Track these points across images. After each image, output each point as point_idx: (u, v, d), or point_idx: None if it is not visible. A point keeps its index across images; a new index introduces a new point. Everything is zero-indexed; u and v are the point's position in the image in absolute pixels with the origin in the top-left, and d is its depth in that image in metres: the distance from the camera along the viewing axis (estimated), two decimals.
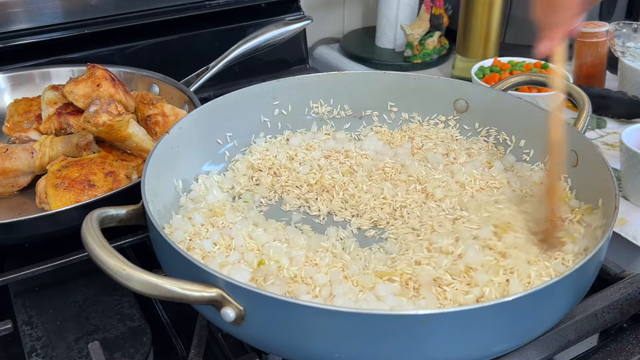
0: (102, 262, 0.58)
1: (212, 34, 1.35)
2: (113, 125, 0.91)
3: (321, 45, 1.71)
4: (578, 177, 0.82)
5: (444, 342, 0.58)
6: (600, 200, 0.74)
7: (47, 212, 0.81)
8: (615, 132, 1.25)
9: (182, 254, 0.61)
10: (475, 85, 0.99)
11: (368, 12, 1.77)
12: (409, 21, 1.59)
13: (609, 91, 1.29)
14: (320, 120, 1.01)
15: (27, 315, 0.80)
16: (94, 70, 0.99)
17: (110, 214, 0.68)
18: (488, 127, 0.96)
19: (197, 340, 0.71)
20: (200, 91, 1.17)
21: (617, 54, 1.38)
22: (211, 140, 0.92)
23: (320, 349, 0.58)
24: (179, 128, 0.85)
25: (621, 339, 0.73)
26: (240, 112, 0.94)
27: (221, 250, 0.73)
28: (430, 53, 1.57)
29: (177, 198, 0.84)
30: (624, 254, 0.97)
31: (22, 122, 1.05)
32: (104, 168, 0.90)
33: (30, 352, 0.75)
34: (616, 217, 0.67)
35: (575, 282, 0.63)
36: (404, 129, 1.00)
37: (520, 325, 0.61)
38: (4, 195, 0.96)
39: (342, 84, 1.00)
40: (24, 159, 0.94)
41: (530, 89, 1.26)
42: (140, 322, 0.79)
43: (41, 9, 1.17)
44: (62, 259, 0.82)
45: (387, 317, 0.56)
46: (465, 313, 0.56)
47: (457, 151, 0.93)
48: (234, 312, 0.58)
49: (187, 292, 0.58)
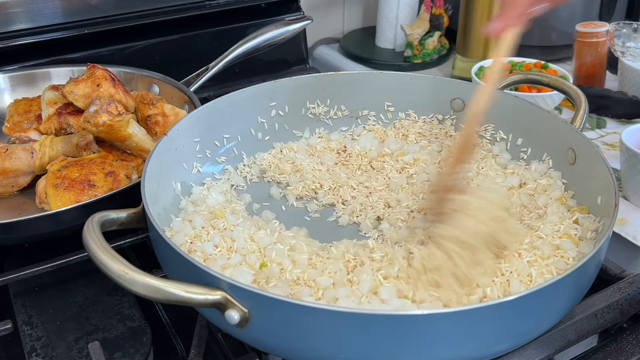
0: (105, 266, 0.57)
1: (212, 34, 1.35)
2: (113, 125, 0.91)
3: (321, 45, 1.71)
4: (576, 175, 0.82)
5: (449, 342, 0.58)
6: (599, 198, 0.75)
7: (47, 212, 0.81)
8: (615, 132, 1.25)
9: (185, 257, 0.61)
10: (472, 84, 0.99)
11: (368, 12, 1.77)
12: (409, 21, 1.59)
13: (609, 91, 1.29)
14: (318, 121, 1.01)
15: (27, 315, 0.80)
16: (94, 70, 0.99)
17: (111, 217, 0.68)
18: (485, 125, 0.96)
19: (197, 340, 0.71)
20: (200, 91, 1.17)
21: (617, 54, 1.38)
22: (209, 142, 0.92)
23: (327, 350, 0.58)
24: (177, 130, 0.85)
25: (621, 339, 0.73)
26: (238, 113, 0.94)
27: (222, 252, 0.73)
28: (430, 53, 1.57)
29: (177, 200, 0.84)
30: (624, 254, 0.97)
31: (22, 122, 1.05)
32: (104, 168, 0.90)
33: (30, 352, 0.75)
34: (616, 215, 0.67)
35: (575, 282, 0.63)
36: (397, 126, 1.00)
37: (522, 325, 0.61)
38: (4, 195, 0.96)
39: (339, 85, 1.00)
40: (24, 159, 0.94)
41: (530, 88, 1.27)
42: (140, 322, 0.79)
43: (41, 9, 1.17)
44: (62, 259, 0.82)
45: (393, 318, 0.56)
46: (469, 312, 0.56)
47: (451, 148, 0.93)
48: (239, 315, 0.58)
49: (192, 295, 0.58)
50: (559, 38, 1.50)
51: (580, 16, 1.47)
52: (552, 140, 0.87)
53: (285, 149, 0.97)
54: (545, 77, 0.95)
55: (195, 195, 0.85)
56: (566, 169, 0.84)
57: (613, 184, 0.71)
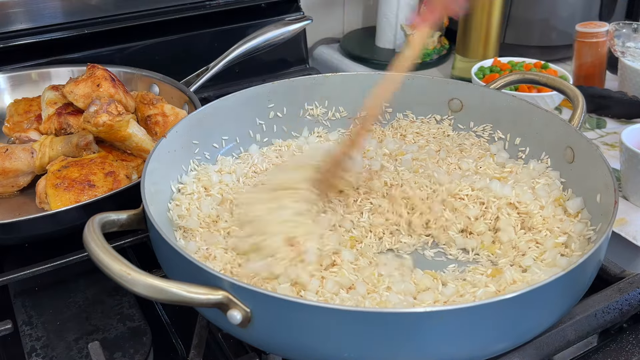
0: (107, 267, 0.57)
1: (212, 34, 1.35)
2: (113, 125, 0.91)
3: (321, 45, 1.71)
4: (575, 174, 0.82)
5: (450, 339, 0.58)
6: (598, 197, 0.75)
7: (47, 212, 0.81)
8: (615, 132, 1.25)
9: (186, 257, 0.61)
10: (469, 84, 0.99)
11: (368, 12, 1.77)
12: (409, 21, 1.59)
13: (609, 91, 1.29)
14: (316, 122, 1.01)
15: (27, 315, 0.80)
16: (94, 70, 0.99)
17: (112, 218, 0.68)
18: (483, 125, 0.96)
19: (197, 340, 0.71)
20: (200, 91, 1.17)
21: (617, 54, 1.38)
22: (208, 143, 0.92)
23: (329, 349, 0.58)
24: (176, 132, 0.85)
25: (621, 339, 0.73)
26: (236, 115, 0.94)
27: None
28: (430, 53, 1.57)
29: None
30: (624, 254, 0.97)
31: (22, 122, 1.05)
32: (104, 168, 0.90)
33: (30, 352, 0.75)
34: (616, 212, 0.67)
35: (575, 280, 0.63)
36: (394, 126, 1.00)
37: (521, 323, 0.61)
38: (4, 195, 0.96)
39: (337, 86, 1.00)
40: (24, 159, 0.94)
41: (530, 88, 1.27)
42: (140, 322, 0.79)
43: (41, 9, 1.17)
44: (62, 259, 0.82)
45: (394, 315, 0.56)
46: (470, 310, 0.56)
47: (449, 147, 0.93)
48: (241, 315, 0.58)
49: (194, 295, 0.57)
50: (559, 38, 1.50)
51: (580, 16, 1.47)
52: (551, 139, 0.87)
53: (280, 151, 0.97)
54: (543, 76, 0.95)
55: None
56: (565, 168, 0.84)
57: (612, 181, 0.71)
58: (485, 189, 0.81)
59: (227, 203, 0.82)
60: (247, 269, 0.69)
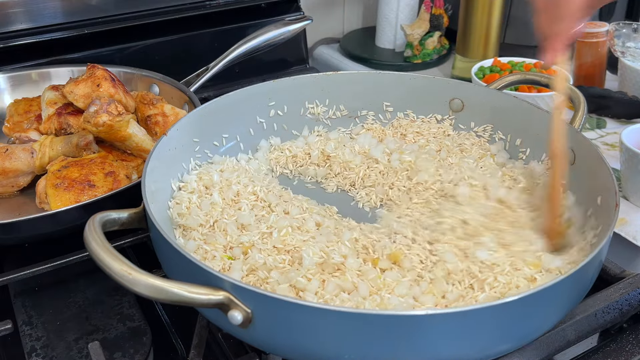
0: (108, 267, 0.57)
1: (212, 34, 1.35)
2: (113, 125, 0.91)
3: (321, 45, 1.71)
4: (576, 175, 0.82)
5: (451, 342, 0.58)
6: (599, 198, 0.74)
7: (47, 212, 0.81)
8: (615, 132, 1.25)
9: (187, 257, 0.61)
10: (471, 85, 0.99)
11: (368, 12, 1.77)
12: (409, 21, 1.59)
13: (609, 91, 1.29)
14: (317, 121, 1.01)
15: (27, 315, 0.80)
16: (94, 70, 0.99)
17: (112, 217, 0.68)
18: (484, 125, 0.96)
19: (197, 340, 0.71)
20: (200, 91, 1.17)
21: (617, 54, 1.38)
22: (209, 141, 0.92)
23: (330, 350, 0.58)
24: (177, 130, 0.85)
25: (621, 339, 0.73)
26: (236, 113, 0.94)
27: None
28: (430, 53, 1.57)
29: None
30: (624, 254, 0.98)
31: (22, 122, 1.05)
32: (104, 168, 0.90)
33: (30, 352, 0.75)
34: (617, 215, 0.67)
35: (576, 283, 0.63)
36: (394, 125, 1.00)
37: (523, 325, 0.61)
38: (4, 195, 0.96)
39: (338, 84, 1.00)
40: (24, 159, 0.94)
41: (531, 89, 1.26)
42: (140, 322, 0.79)
43: (41, 9, 1.17)
44: (62, 259, 0.82)
45: (395, 318, 0.56)
46: (471, 313, 0.56)
47: (449, 147, 0.93)
48: (242, 315, 0.58)
49: (194, 295, 0.57)
50: None
51: None
52: None
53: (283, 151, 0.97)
54: (544, 77, 0.95)
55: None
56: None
57: (613, 184, 0.71)
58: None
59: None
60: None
